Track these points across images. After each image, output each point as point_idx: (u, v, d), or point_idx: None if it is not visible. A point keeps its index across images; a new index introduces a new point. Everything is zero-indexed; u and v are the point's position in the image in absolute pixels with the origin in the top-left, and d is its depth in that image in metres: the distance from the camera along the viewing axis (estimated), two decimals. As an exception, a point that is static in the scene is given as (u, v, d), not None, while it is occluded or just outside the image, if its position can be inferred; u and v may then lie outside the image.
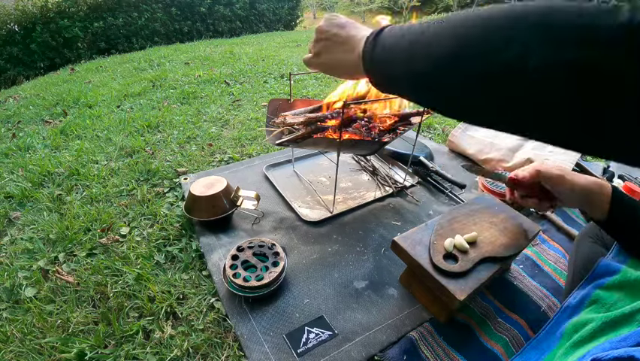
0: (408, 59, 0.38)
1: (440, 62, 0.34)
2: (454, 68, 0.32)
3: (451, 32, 0.33)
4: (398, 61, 0.40)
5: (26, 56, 4.03)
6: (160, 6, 4.82)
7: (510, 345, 0.72)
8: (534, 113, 0.28)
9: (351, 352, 0.70)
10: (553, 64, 0.25)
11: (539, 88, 0.27)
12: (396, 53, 0.40)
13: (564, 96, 0.26)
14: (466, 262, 0.71)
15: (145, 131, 1.58)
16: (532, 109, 0.28)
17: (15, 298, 0.80)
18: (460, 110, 0.36)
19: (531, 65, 0.26)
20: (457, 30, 0.33)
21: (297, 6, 6.78)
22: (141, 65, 2.86)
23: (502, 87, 0.29)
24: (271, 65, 2.79)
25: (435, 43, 0.34)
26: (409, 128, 1.09)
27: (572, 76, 0.24)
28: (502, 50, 0.28)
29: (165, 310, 0.76)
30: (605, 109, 0.24)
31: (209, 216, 0.97)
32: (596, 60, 0.23)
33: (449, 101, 0.36)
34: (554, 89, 0.26)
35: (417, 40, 0.37)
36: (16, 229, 1.01)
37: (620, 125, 0.24)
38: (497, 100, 0.30)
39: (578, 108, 0.25)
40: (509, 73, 0.28)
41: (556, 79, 0.25)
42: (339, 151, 0.98)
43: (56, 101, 2.09)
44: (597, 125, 0.25)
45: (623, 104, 0.23)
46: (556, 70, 0.25)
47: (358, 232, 1.01)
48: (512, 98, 0.29)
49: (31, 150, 1.46)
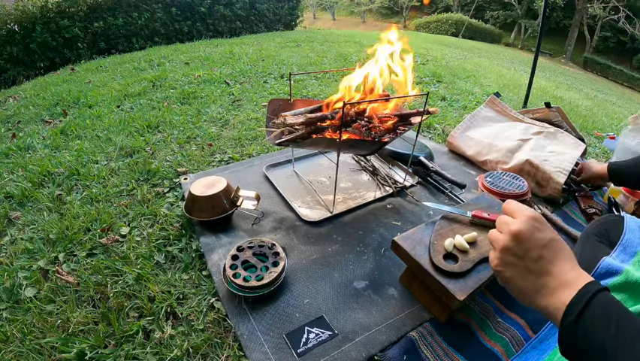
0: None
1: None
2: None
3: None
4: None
5: (26, 56, 4.02)
6: (160, 6, 4.81)
7: (510, 345, 0.72)
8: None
9: (351, 352, 0.70)
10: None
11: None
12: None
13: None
14: (466, 262, 0.71)
15: (145, 131, 1.58)
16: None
17: (15, 298, 0.80)
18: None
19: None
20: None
21: (297, 6, 6.77)
22: (141, 65, 2.86)
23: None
24: (271, 65, 2.79)
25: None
26: (409, 128, 1.09)
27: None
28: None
29: (165, 310, 0.76)
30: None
31: (209, 216, 0.97)
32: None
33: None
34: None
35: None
36: (16, 229, 1.01)
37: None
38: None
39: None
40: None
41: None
42: (339, 151, 0.98)
43: (56, 101, 2.09)
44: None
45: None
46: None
47: (358, 232, 1.01)
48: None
49: (31, 150, 1.46)
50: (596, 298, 0.40)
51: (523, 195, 1.09)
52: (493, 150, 1.36)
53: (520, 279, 0.47)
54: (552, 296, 0.44)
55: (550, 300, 0.44)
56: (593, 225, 0.79)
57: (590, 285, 0.42)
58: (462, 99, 2.25)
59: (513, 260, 0.48)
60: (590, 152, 1.72)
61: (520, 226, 0.48)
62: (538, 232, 0.47)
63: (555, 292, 0.44)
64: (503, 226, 0.50)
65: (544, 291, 0.45)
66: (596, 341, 0.38)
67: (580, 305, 0.40)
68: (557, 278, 0.45)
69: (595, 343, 0.38)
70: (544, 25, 2.32)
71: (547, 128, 1.42)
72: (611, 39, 15.08)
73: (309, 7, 17.72)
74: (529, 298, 0.46)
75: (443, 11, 15.39)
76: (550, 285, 0.45)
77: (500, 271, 0.49)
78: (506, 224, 0.50)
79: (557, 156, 1.26)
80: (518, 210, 0.51)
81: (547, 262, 0.46)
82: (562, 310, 0.42)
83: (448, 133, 1.61)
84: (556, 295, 0.44)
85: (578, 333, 0.39)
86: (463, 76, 2.99)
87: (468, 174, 1.34)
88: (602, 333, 0.38)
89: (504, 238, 0.49)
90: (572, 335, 0.40)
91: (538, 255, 0.47)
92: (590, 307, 0.40)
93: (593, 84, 7.70)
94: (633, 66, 13.91)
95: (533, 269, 0.46)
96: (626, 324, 0.38)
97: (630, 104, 5.73)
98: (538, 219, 0.49)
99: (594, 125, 2.30)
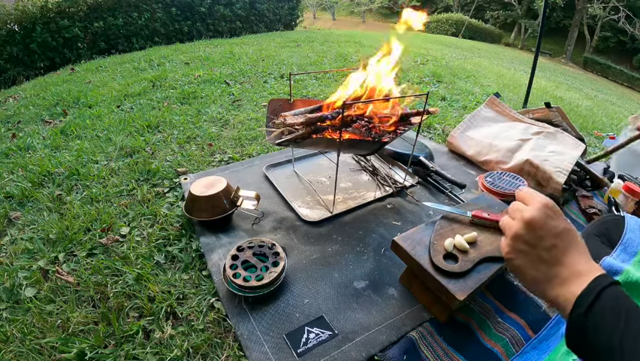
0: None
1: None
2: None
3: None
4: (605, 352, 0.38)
5: (26, 56, 4.02)
6: (160, 6, 4.81)
7: (510, 345, 0.72)
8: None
9: (351, 352, 0.70)
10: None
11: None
12: (609, 355, 0.38)
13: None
14: (466, 262, 0.71)
15: (145, 131, 1.58)
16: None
17: (15, 298, 0.80)
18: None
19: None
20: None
21: (297, 6, 6.77)
22: (141, 65, 2.85)
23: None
24: (271, 65, 2.79)
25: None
26: (409, 128, 1.09)
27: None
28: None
29: (165, 310, 0.76)
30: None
31: (209, 216, 0.97)
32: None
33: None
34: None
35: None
36: (16, 229, 1.01)
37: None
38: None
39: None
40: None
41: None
42: (339, 151, 0.98)
43: (56, 101, 2.09)
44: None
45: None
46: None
47: (358, 232, 1.01)
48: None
49: (31, 150, 1.46)
50: (606, 292, 0.40)
51: (523, 195, 1.09)
52: (493, 150, 1.36)
53: (531, 268, 0.46)
54: (563, 287, 0.43)
55: (561, 291, 0.43)
56: (593, 225, 0.79)
57: (602, 278, 0.42)
58: (462, 99, 2.25)
59: (525, 248, 0.47)
60: (590, 152, 1.72)
61: (534, 213, 0.46)
62: (551, 220, 0.46)
63: (566, 282, 0.43)
64: (516, 212, 0.49)
65: (556, 281, 0.44)
66: (605, 333, 0.38)
67: (590, 298, 0.40)
68: (569, 269, 0.44)
69: (603, 336, 0.38)
70: (544, 25, 2.32)
71: (547, 128, 1.42)
72: (611, 39, 15.08)
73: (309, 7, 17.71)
74: (540, 287, 0.46)
75: (443, 11, 15.39)
76: (562, 275, 0.44)
77: (511, 258, 0.48)
78: (519, 211, 0.49)
79: (557, 156, 1.26)
80: (532, 196, 0.49)
81: (560, 252, 0.45)
82: (572, 302, 0.41)
83: (448, 133, 1.61)
84: (567, 285, 0.43)
85: (588, 326, 0.39)
86: (463, 76, 2.99)
87: (468, 174, 1.34)
88: (611, 326, 0.38)
89: (517, 224, 0.48)
90: (581, 327, 0.40)
91: (551, 244, 0.46)
92: (601, 300, 0.39)
93: (593, 84, 7.70)
94: (633, 66, 13.91)
95: (546, 258, 0.45)
96: (635, 319, 0.38)
97: (630, 104, 5.73)
98: (552, 207, 0.47)
99: (594, 125, 2.30)
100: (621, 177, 1.29)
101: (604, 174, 1.37)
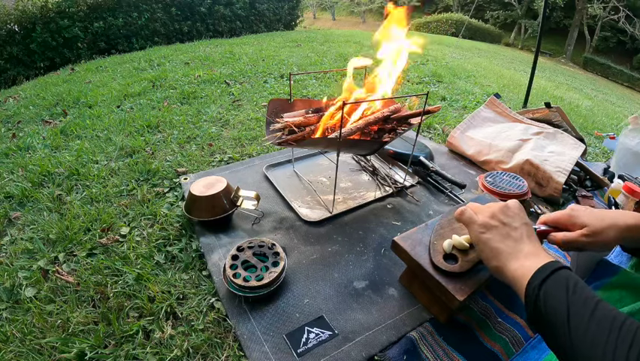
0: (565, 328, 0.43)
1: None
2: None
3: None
4: (559, 324, 0.44)
5: (26, 56, 4.02)
6: (160, 6, 4.81)
7: (510, 345, 0.72)
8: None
9: (351, 352, 0.70)
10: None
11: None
12: (557, 318, 0.44)
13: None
14: (465, 263, 0.71)
15: (145, 131, 1.58)
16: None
17: (15, 298, 0.80)
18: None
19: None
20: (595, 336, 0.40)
21: (297, 6, 6.77)
22: (141, 65, 2.85)
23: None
24: (271, 65, 2.79)
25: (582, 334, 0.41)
26: (409, 128, 1.09)
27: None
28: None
29: (165, 310, 0.76)
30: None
31: (209, 216, 0.97)
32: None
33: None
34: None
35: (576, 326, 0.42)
36: (16, 229, 1.01)
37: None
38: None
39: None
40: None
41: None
42: (339, 151, 0.98)
43: (56, 101, 2.09)
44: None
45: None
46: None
47: (358, 232, 1.01)
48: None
49: (31, 150, 1.46)
50: (559, 272, 0.47)
51: (523, 195, 1.09)
52: (493, 150, 1.36)
53: (499, 241, 0.56)
54: (525, 260, 0.51)
55: (524, 263, 0.51)
56: None
57: (557, 262, 0.49)
58: (462, 99, 2.25)
59: (497, 224, 0.58)
60: (589, 152, 1.72)
61: (510, 203, 0.60)
62: (522, 212, 0.59)
63: (528, 257, 0.52)
64: (484, 208, 0.61)
65: (519, 255, 0.53)
66: (555, 301, 0.44)
67: (545, 273, 0.47)
68: (531, 248, 0.53)
69: (554, 304, 0.44)
70: (544, 25, 2.32)
71: (547, 128, 1.42)
72: (611, 39, 15.07)
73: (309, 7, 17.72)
74: (502, 259, 0.54)
75: (443, 11, 15.39)
76: (525, 250, 0.53)
77: (482, 232, 0.58)
78: (489, 206, 0.61)
79: (557, 156, 1.26)
80: (497, 202, 0.63)
81: (526, 235, 0.56)
82: (530, 275, 0.49)
83: (448, 133, 1.61)
84: (528, 260, 0.51)
85: (540, 296, 0.46)
86: (463, 76, 2.99)
87: (468, 174, 1.34)
88: (560, 297, 0.44)
89: (494, 207, 0.60)
90: (535, 298, 0.46)
91: (520, 225, 0.57)
92: (554, 275, 0.47)
93: (593, 84, 7.70)
94: (633, 66, 13.89)
95: (513, 235, 0.56)
96: (581, 289, 0.45)
97: (630, 104, 5.73)
98: (521, 207, 0.60)
99: (594, 125, 2.30)
100: (621, 177, 1.29)
101: (604, 174, 1.37)
